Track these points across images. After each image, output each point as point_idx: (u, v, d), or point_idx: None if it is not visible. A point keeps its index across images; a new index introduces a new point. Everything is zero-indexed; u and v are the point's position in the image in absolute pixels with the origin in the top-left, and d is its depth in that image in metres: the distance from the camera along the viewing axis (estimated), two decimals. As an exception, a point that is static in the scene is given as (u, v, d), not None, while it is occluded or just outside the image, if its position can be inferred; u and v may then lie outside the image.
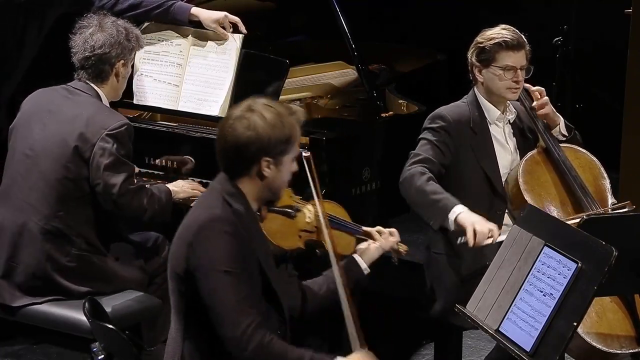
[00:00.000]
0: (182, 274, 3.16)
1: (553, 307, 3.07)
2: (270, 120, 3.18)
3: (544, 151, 4.09)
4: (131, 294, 4.13)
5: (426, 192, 3.86)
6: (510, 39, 4.01)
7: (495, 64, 4.01)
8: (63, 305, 4.02)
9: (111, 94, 4.21)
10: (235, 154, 3.20)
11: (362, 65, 4.78)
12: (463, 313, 3.38)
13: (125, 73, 4.22)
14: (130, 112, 4.83)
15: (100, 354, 3.31)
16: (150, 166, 4.62)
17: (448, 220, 3.80)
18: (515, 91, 4.06)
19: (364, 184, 4.46)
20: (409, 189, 3.92)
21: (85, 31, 4.15)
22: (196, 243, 3.13)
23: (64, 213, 4.04)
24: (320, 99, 5.08)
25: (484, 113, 4.10)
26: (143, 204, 4.07)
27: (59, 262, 4.03)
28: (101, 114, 4.08)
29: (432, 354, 4.55)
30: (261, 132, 3.16)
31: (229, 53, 4.59)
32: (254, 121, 3.17)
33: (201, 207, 3.25)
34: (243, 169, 3.22)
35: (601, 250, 3.03)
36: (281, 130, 3.19)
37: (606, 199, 4.03)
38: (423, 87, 5.27)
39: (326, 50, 5.46)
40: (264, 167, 3.20)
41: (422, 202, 3.89)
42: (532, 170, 4.01)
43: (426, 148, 4.01)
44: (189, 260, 3.13)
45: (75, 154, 4.01)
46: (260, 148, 3.18)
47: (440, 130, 4.03)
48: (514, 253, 3.31)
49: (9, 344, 4.90)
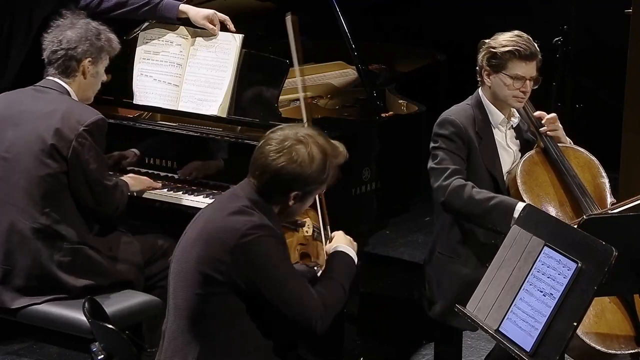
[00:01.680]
0: (219, 276, 3.16)
1: (553, 307, 3.07)
2: (317, 160, 3.21)
3: (543, 151, 4.08)
4: (131, 294, 4.13)
5: (481, 200, 3.85)
6: (524, 49, 3.98)
7: (505, 72, 3.99)
8: (63, 305, 4.02)
9: (80, 92, 4.19)
10: (271, 180, 3.22)
11: (362, 65, 4.77)
12: (463, 313, 3.38)
13: (94, 72, 4.18)
14: (130, 112, 4.84)
15: (100, 354, 3.31)
16: (151, 166, 4.62)
17: (514, 219, 3.76)
18: (521, 101, 4.04)
19: (364, 184, 4.45)
20: (460, 203, 3.89)
21: (57, 29, 4.17)
22: (244, 250, 3.15)
23: (51, 209, 4.04)
24: (320, 99, 5.08)
25: (487, 116, 4.09)
26: (117, 199, 4.13)
27: (53, 258, 4.03)
28: (76, 109, 4.09)
29: (432, 354, 4.55)
30: (305, 170, 3.20)
31: (229, 53, 4.59)
32: (302, 156, 3.19)
33: (227, 211, 3.23)
34: (272, 193, 3.25)
35: (601, 250, 3.03)
36: (322, 172, 3.24)
37: (605, 198, 4.03)
38: (423, 87, 5.27)
39: (326, 50, 5.46)
40: (290, 200, 3.25)
41: (481, 212, 3.86)
42: (531, 171, 4.01)
43: (448, 158, 3.98)
44: (235, 268, 3.15)
45: (53, 150, 4.02)
46: (297, 183, 3.22)
47: (453, 137, 4.00)
48: (514, 253, 3.31)
49: (9, 344, 4.90)
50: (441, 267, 4.11)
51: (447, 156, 3.99)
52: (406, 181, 4.73)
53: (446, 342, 4.30)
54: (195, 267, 3.21)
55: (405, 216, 4.88)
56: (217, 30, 4.63)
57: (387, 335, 5.05)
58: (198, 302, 3.21)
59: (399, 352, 4.93)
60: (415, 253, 6.14)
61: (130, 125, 4.71)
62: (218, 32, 4.63)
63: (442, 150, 4.01)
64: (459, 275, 4.02)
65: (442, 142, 4.02)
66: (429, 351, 4.79)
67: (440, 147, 4.01)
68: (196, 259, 3.21)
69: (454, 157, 3.99)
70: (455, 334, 4.25)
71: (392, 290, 5.72)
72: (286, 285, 3.18)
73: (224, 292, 3.18)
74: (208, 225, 3.25)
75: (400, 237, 6.43)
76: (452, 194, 3.90)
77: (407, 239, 6.42)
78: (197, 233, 3.26)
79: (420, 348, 4.92)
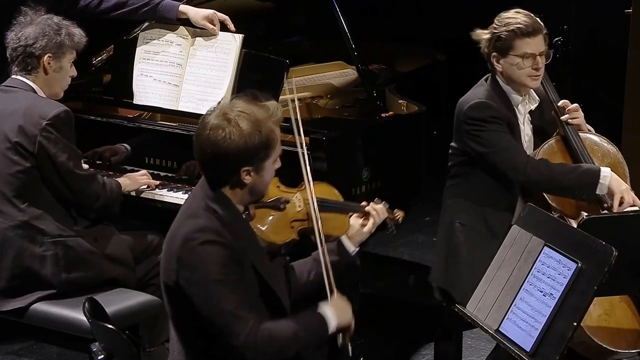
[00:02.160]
0: (173, 285, 3.15)
1: (553, 307, 3.07)
2: (247, 130, 3.12)
3: (563, 139, 4.06)
4: (131, 294, 4.13)
5: (565, 171, 3.89)
6: (525, 25, 3.93)
7: (512, 53, 3.95)
8: (63, 305, 4.02)
9: (46, 89, 4.17)
10: (215, 165, 3.17)
11: (362, 65, 4.77)
12: (463, 313, 3.38)
13: (56, 67, 4.15)
14: (130, 112, 4.84)
15: (100, 354, 3.31)
16: (151, 166, 4.62)
17: (600, 184, 3.83)
18: (537, 78, 4.00)
19: (364, 184, 4.45)
20: (544, 178, 3.90)
21: (17, 26, 4.16)
22: (184, 256, 3.11)
23: (27, 205, 4.04)
24: (320, 99, 5.08)
25: (508, 99, 4.05)
26: (96, 189, 4.12)
27: (35, 253, 4.03)
28: (38, 105, 4.08)
29: (432, 354, 4.55)
30: (239, 143, 3.12)
31: (229, 53, 4.59)
32: (230, 132, 3.11)
33: (185, 216, 3.21)
34: (223, 178, 3.19)
35: (601, 250, 3.03)
36: (259, 139, 3.14)
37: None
38: (423, 87, 5.27)
39: (326, 50, 5.46)
40: (244, 177, 3.17)
41: (568, 182, 3.87)
42: (550, 159, 3.99)
43: (505, 139, 3.96)
44: (179, 274, 3.12)
45: (19, 147, 4.02)
46: (239, 159, 3.14)
47: (496, 119, 3.97)
48: (514, 253, 3.31)
49: (9, 344, 4.90)
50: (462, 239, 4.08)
51: (501, 137, 3.96)
52: (406, 181, 4.72)
53: (446, 342, 4.30)
54: (162, 276, 3.21)
55: (405, 216, 4.87)
56: (217, 30, 4.63)
57: (387, 335, 5.04)
58: (171, 310, 3.21)
59: (399, 352, 4.93)
60: (415, 253, 6.13)
61: (130, 125, 4.71)
62: (218, 32, 4.63)
63: (492, 133, 3.96)
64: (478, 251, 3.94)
65: (490, 125, 3.97)
66: (429, 351, 4.79)
67: (489, 130, 3.97)
68: (162, 269, 3.21)
69: (506, 135, 3.96)
70: (455, 334, 4.25)
71: (392, 290, 5.72)
72: (219, 301, 3.07)
73: (183, 301, 3.13)
74: (170, 231, 3.23)
75: (400, 237, 6.42)
76: (535, 171, 3.90)
77: (407, 239, 6.41)
78: (165, 241, 3.24)
79: (420, 348, 4.92)
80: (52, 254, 4.04)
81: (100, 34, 4.98)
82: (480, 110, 3.99)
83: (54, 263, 4.03)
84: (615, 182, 3.87)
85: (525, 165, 3.92)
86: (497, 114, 3.98)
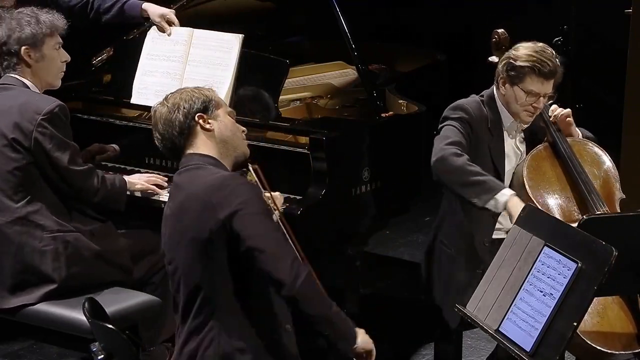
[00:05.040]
0: (215, 229, 3.18)
1: (553, 307, 3.07)
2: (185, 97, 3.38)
3: (551, 146, 4.06)
4: (130, 294, 4.13)
5: (470, 172, 3.82)
6: (544, 67, 3.92)
7: (521, 85, 3.95)
8: (63, 305, 4.02)
9: (37, 80, 4.17)
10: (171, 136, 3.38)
11: (362, 65, 4.77)
12: (463, 313, 3.38)
13: (38, 57, 4.13)
14: (130, 112, 4.84)
15: (100, 354, 3.31)
16: (151, 166, 4.62)
17: (496, 201, 3.76)
18: (531, 115, 4.02)
19: (364, 184, 4.45)
20: (449, 168, 3.85)
21: None
22: (220, 198, 3.19)
23: (26, 201, 4.05)
24: (320, 99, 5.08)
25: (500, 117, 4.07)
26: (94, 184, 4.12)
27: (35, 248, 4.03)
28: (32, 101, 4.08)
29: (432, 354, 4.55)
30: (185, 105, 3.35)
31: (228, 53, 4.59)
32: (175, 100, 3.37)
33: (200, 178, 3.29)
34: (188, 137, 3.37)
35: (601, 250, 3.03)
36: (198, 98, 3.37)
37: (613, 194, 4.00)
38: (423, 87, 5.27)
39: (326, 50, 5.46)
40: (199, 122, 3.34)
41: (465, 181, 3.82)
42: (538, 166, 3.99)
43: (455, 133, 3.96)
44: (216, 217, 3.17)
45: (15, 144, 4.03)
46: (189, 113, 3.35)
47: (463, 121, 3.99)
48: (514, 253, 3.31)
49: (9, 344, 4.91)
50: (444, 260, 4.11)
51: (454, 131, 3.97)
52: (406, 181, 4.73)
53: (446, 342, 4.30)
54: (187, 239, 3.24)
55: (405, 216, 4.87)
56: (169, 29, 4.72)
57: (387, 335, 5.04)
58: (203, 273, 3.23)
59: (399, 352, 4.93)
60: (415, 253, 6.13)
61: (130, 125, 4.71)
62: (170, 30, 4.72)
63: (450, 126, 3.99)
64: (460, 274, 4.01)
65: (451, 121, 4.00)
66: (429, 351, 4.79)
67: (449, 125, 4.00)
68: (184, 230, 3.25)
69: (460, 135, 3.96)
70: (455, 334, 4.25)
71: (392, 290, 5.73)
72: (268, 230, 3.18)
73: (220, 250, 3.19)
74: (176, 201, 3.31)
75: (400, 237, 6.43)
76: (445, 159, 3.85)
77: (407, 239, 6.42)
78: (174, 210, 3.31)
79: (420, 348, 4.92)
80: (52, 249, 4.04)
81: (100, 34, 5.00)
82: (453, 110, 4.04)
83: (54, 258, 4.03)
84: (515, 207, 3.70)
85: (443, 151, 3.87)
86: (468, 118, 4.00)
